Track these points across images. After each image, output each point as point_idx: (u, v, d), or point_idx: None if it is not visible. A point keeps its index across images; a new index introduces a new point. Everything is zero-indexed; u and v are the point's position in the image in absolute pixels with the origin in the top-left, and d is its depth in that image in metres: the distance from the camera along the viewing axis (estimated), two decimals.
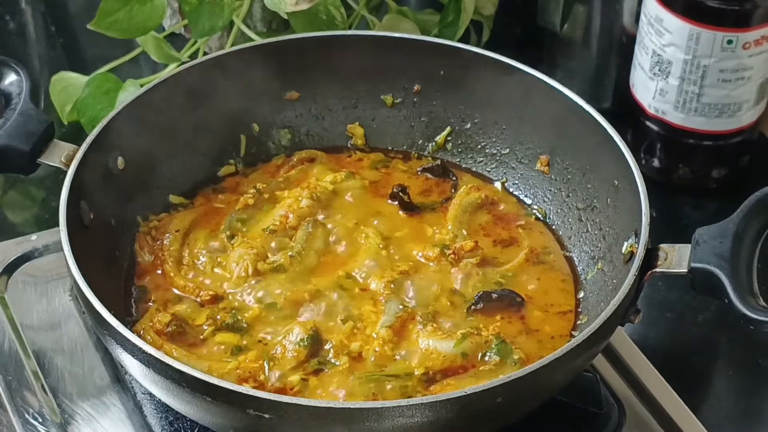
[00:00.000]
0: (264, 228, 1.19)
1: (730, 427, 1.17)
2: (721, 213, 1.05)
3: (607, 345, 1.16)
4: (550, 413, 1.07)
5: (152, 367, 0.98)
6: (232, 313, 1.12)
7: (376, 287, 1.14)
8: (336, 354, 1.08)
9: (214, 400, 0.96)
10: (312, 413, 0.94)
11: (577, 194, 1.22)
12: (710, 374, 1.22)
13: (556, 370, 0.98)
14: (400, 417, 0.94)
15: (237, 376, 1.06)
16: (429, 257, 1.18)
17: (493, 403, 0.96)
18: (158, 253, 1.19)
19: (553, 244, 1.21)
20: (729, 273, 1.00)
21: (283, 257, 1.16)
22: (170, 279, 1.17)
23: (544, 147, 1.25)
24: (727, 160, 1.38)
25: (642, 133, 1.38)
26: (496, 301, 1.13)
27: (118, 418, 1.13)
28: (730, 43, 1.26)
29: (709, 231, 1.03)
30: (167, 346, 1.08)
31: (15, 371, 1.17)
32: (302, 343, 1.08)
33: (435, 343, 1.09)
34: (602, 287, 1.14)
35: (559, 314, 1.14)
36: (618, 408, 1.13)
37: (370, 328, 1.11)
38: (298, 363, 1.07)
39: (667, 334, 1.25)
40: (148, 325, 1.10)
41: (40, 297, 1.24)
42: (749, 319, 0.98)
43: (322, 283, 1.15)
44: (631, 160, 1.12)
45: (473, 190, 1.25)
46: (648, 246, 1.05)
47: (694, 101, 1.31)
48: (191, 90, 1.24)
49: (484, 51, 1.25)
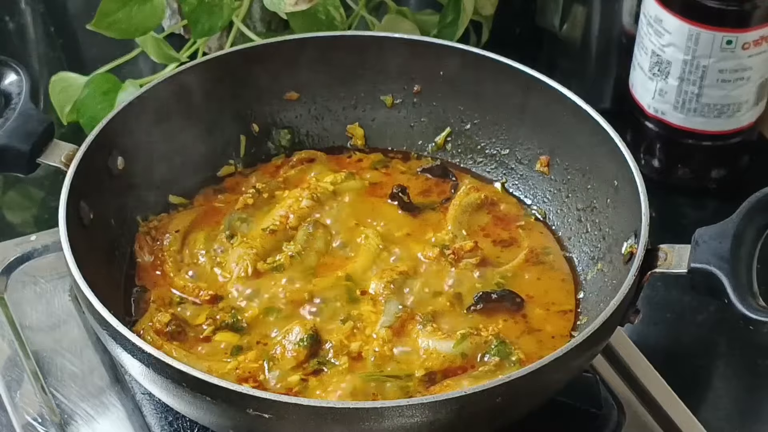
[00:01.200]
0: (264, 228, 1.19)
1: (730, 427, 1.17)
2: (721, 213, 1.05)
3: (607, 345, 1.16)
4: (549, 413, 1.07)
5: (152, 367, 0.98)
6: (232, 313, 1.12)
7: (375, 287, 1.14)
8: (336, 354, 1.08)
9: (214, 399, 0.96)
10: (312, 413, 0.94)
11: (577, 195, 1.22)
12: (710, 375, 1.22)
13: (555, 370, 0.98)
14: (400, 417, 0.94)
15: (237, 376, 1.06)
16: (429, 257, 1.18)
17: (492, 403, 0.96)
18: (158, 253, 1.19)
19: (552, 245, 1.21)
20: (729, 273, 1.00)
21: (283, 257, 1.16)
22: (170, 279, 1.17)
23: (543, 148, 1.25)
24: (726, 161, 1.38)
25: (641, 134, 1.38)
26: (495, 301, 1.13)
27: (118, 418, 1.13)
28: (729, 43, 1.26)
29: (709, 231, 1.03)
30: (167, 345, 1.08)
31: (14, 372, 1.17)
32: (302, 343, 1.08)
33: (434, 344, 1.09)
34: (602, 287, 1.14)
35: (559, 313, 1.14)
36: (617, 408, 1.13)
37: (370, 329, 1.11)
38: (297, 363, 1.07)
39: (667, 335, 1.25)
40: (147, 325, 1.10)
41: (40, 297, 1.24)
42: (749, 319, 0.98)
43: (322, 284, 1.15)
44: (630, 161, 1.12)
45: (473, 190, 1.25)
46: (648, 246, 1.05)
47: (693, 101, 1.31)
48: (190, 90, 1.24)
49: (484, 51, 1.25)
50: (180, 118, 1.24)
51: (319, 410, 0.94)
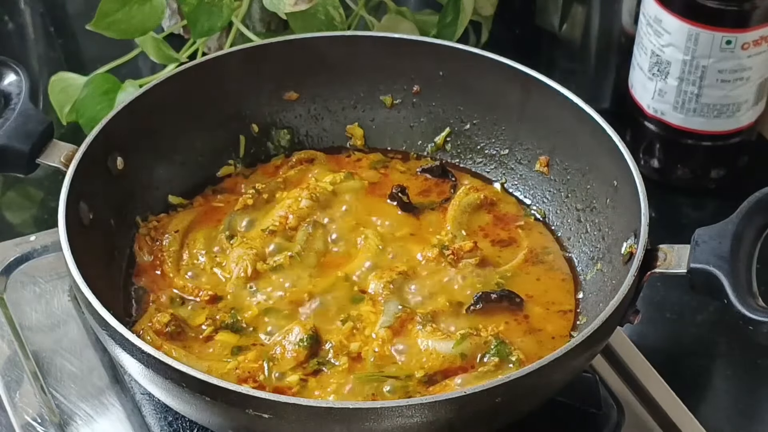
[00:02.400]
0: (263, 228, 1.19)
1: (729, 427, 1.17)
2: (720, 213, 1.05)
3: (606, 345, 1.16)
4: (549, 413, 1.07)
5: (152, 367, 0.98)
6: (232, 313, 1.12)
7: (375, 288, 1.14)
8: (335, 354, 1.08)
9: (214, 399, 0.96)
10: (311, 413, 0.94)
11: (577, 195, 1.22)
12: (709, 375, 1.22)
13: (555, 370, 0.98)
14: (400, 417, 0.94)
15: (236, 377, 1.06)
16: (428, 258, 1.18)
17: (492, 403, 0.96)
18: (157, 253, 1.19)
19: (552, 245, 1.21)
20: (728, 273, 1.00)
21: (283, 258, 1.16)
22: (169, 279, 1.17)
23: (543, 148, 1.25)
24: (725, 161, 1.38)
25: (641, 134, 1.38)
26: (495, 301, 1.13)
27: (117, 418, 1.13)
28: (729, 43, 1.26)
29: (709, 231, 1.03)
30: (167, 345, 1.08)
31: (14, 372, 1.17)
32: (302, 344, 1.08)
33: (434, 344, 1.09)
34: (601, 288, 1.14)
35: (559, 313, 1.14)
36: (617, 408, 1.13)
37: (369, 329, 1.10)
38: (297, 363, 1.07)
39: (666, 335, 1.25)
40: (147, 325, 1.10)
41: (39, 297, 1.24)
42: (748, 319, 0.98)
43: (322, 284, 1.15)
44: (630, 161, 1.12)
45: (472, 190, 1.25)
46: (647, 247, 1.05)
47: (692, 102, 1.32)
48: (190, 90, 1.24)
49: (483, 51, 1.25)
50: (179, 118, 1.24)
51: (319, 410, 0.94)
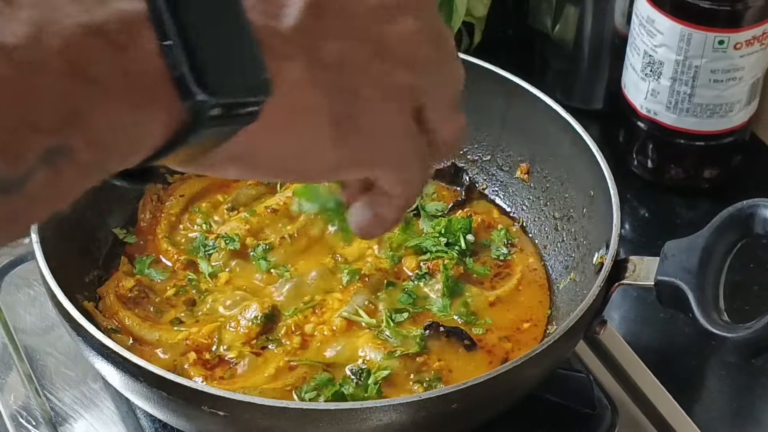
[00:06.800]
0: (267, 206, 1.20)
1: (723, 427, 1.17)
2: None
3: (600, 346, 1.16)
4: (542, 414, 1.07)
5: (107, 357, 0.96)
6: (198, 285, 1.13)
7: (350, 278, 1.14)
8: (287, 334, 1.09)
9: (170, 395, 0.94)
10: (266, 412, 0.92)
11: (555, 203, 1.22)
12: (703, 374, 1.22)
13: (505, 382, 0.96)
14: (355, 420, 0.93)
15: (184, 347, 1.07)
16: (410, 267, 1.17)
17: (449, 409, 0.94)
18: (157, 213, 1.20)
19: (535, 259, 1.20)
20: (694, 287, 1.00)
21: (275, 237, 1.17)
22: (157, 241, 1.18)
23: (524, 155, 1.25)
24: (719, 161, 1.38)
25: (634, 134, 1.38)
26: (443, 334, 1.10)
27: (111, 421, 1.13)
28: (721, 43, 1.26)
29: (678, 245, 1.03)
30: (122, 312, 1.09)
31: (8, 374, 1.17)
32: (255, 321, 1.09)
33: (368, 349, 1.08)
34: (573, 298, 1.13)
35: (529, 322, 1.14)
36: (611, 408, 1.13)
37: (329, 314, 1.11)
38: (247, 339, 1.08)
39: (660, 335, 1.25)
40: (112, 287, 1.11)
41: (33, 300, 1.24)
42: (710, 333, 0.97)
43: (301, 268, 1.15)
44: (605, 170, 1.11)
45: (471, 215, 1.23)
46: (617, 257, 1.04)
47: (685, 102, 1.32)
48: None
49: (466, 56, 1.24)
50: None
51: (273, 409, 0.92)
